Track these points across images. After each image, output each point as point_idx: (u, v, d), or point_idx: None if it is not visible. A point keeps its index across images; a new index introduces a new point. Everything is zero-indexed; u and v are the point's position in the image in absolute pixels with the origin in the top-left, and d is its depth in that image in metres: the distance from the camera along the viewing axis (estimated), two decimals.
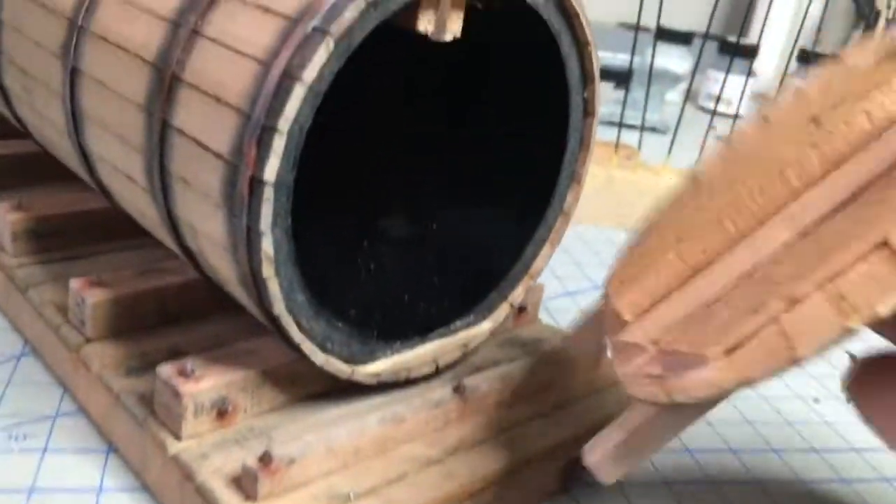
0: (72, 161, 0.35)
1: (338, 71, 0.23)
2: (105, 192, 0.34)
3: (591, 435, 0.30)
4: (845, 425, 0.37)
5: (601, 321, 0.28)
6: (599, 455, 0.23)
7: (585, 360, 0.33)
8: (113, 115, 0.29)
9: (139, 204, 0.30)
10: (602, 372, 0.34)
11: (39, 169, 0.43)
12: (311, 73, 0.22)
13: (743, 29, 0.76)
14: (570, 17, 0.28)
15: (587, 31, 0.29)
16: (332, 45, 0.22)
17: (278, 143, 0.23)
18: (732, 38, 0.90)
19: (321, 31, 0.22)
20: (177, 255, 0.33)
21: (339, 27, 0.22)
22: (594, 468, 0.24)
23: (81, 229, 0.37)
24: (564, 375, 0.33)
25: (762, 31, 0.72)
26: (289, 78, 0.22)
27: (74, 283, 0.31)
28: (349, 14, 0.22)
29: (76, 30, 0.31)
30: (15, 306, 0.36)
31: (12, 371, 0.33)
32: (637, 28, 0.59)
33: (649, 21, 0.63)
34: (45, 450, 0.29)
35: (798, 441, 0.36)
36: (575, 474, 0.30)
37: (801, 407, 0.39)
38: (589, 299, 0.46)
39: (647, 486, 0.32)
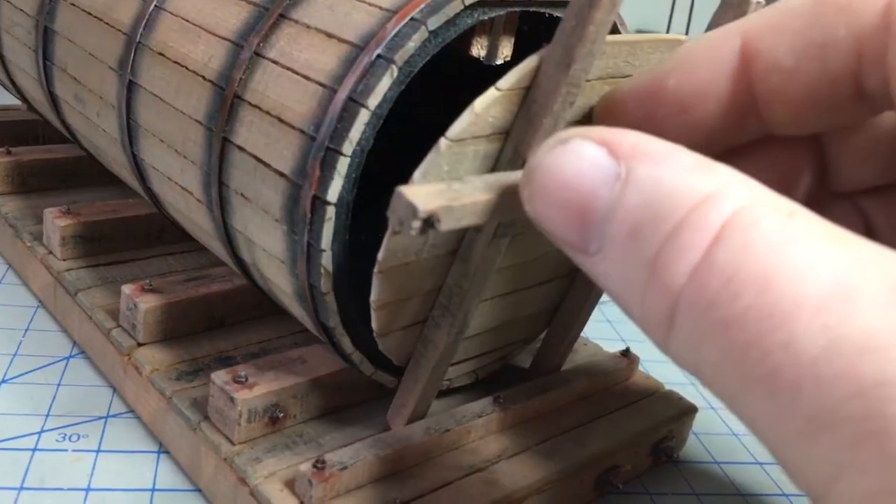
0: (121, 169, 0.36)
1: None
2: (155, 199, 0.35)
3: (626, 445, 0.31)
4: None
5: None
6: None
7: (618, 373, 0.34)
8: (170, 129, 0.30)
9: (193, 214, 0.31)
10: (635, 384, 0.35)
11: (82, 173, 0.45)
12: (375, 99, 0.23)
13: None
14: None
15: None
16: (395, 72, 0.23)
17: (342, 165, 0.24)
18: None
19: (386, 60, 0.23)
20: (221, 261, 0.34)
21: (403, 56, 0.23)
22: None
23: (128, 234, 0.39)
24: (600, 387, 0.34)
25: None
26: (354, 103, 0.23)
27: (127, 289, 0.33)
28: (412, 44, 0.23)
29: (134, 45, 0.32)
30: (63, 309, 0.37)
31: (62, 373, 0.35)
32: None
33: (660, 27, 0.64)
34: (98, 451, 0.31)
35: None
36: (607, 483, 0.31)
37: None
38: (618, 310, 0.47)
39: (677, 497, 0.33)
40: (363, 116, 0.23)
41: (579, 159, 0.17)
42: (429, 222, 0.19)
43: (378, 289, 0.24)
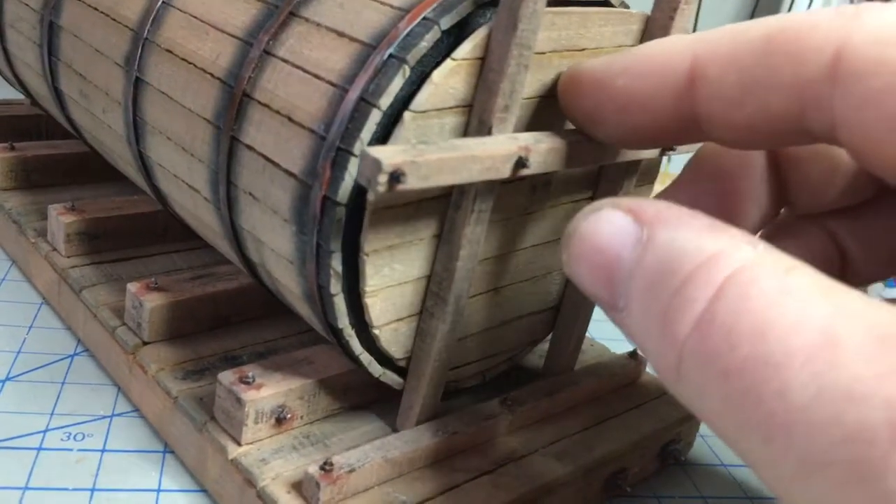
0: (127, 166, 0.36)
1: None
2: (161, 197, 0.35)
3: (633, 448, 0.31)
4: None
5: None
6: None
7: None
8: (178, 127, 0.30)
9: (200, 213, 0.31)
10: (643, 386, 0.35)
11: (86, 169, 0.44)
12: (387, 99, 0.23)
13: None
14: None
15: None
16: (407, 72, 0.23)
17: (353, 166, 0.23)
18: None
19: (398, 59, 0.23)
20: (226, 260, 0.34)
21: (415, 56, 0.23)
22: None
23: (134, 232, 0.38)
24: (607, 389, 0.34)
25: None
26: (365, 103, 0.23)
27: (132, 287, 0.32)
28: (425, 43, 0.23)
29: (141, 41, 0.31)
30: (68, 306, 0.37)
31: (66, 371, 0.34)
32: None
33: None
34: (103, 450, 0.30)
35: None
36: (615, 486, 0.31)
37: None
38: None
39: (684, 500, 0.32)
40: (374, 116, 0.23)
41: (609, 225, 0.19)
42: (395, 177, 0.20)
43: (367, 273, 0.25)
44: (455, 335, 0.27)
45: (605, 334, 0.42)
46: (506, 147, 0.23)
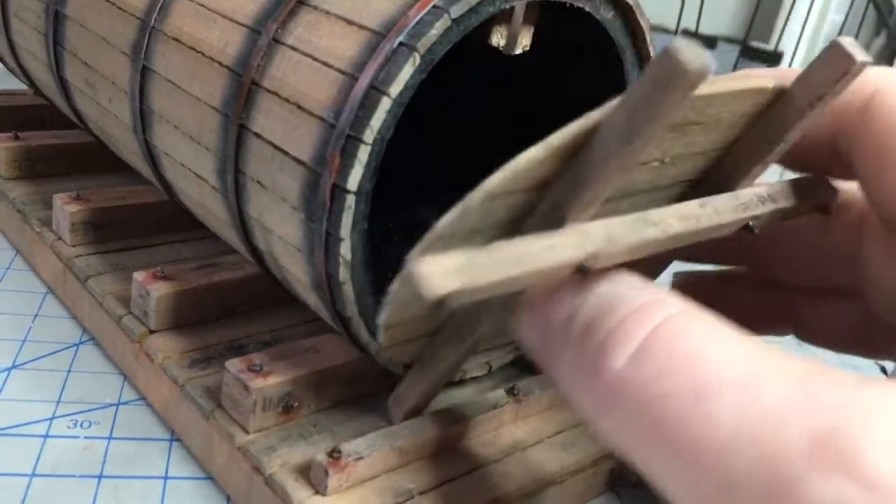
0: (132, 155, 0.36)
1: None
2: (167, 187, 0.35)
3: None
4: None
5: None
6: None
7: None
8: (185, 115, 0.30)
9: (207, 202, 0.31)
10: None
11: (91, 159, 0.44)
12: (397, 87, 0.23)
13: (768, 35, 0.77)
14: (636, 35, 0.29)
15: (650, 47, 0.29)
16: (417, 60, 0.23)
17: (363, 153, 0.23)
18: (755, 44, 0.91)
19: (408, 47, 0.23)
20: (232, 249, 0.34)
21: (425, 43, 0.23)
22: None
23: (138, 221, 0.38)
24: None
25: (780, 37, 0.73)
26: (375, 91, 0.23)
27: (139, 276, 0.32)
28: (435, 31, 0.23)
29: (148, 30, 0.31)
30: (73, 296, 0.37)
31: (72, 359, 0.34)
32: (676, 31, 0.60)
33: (669, 23, 0.64)
34: (110, 438, 0.30)
35: None
36: (620, 476, 0.31)
37: None
38: None
39: None
40: (384, 104, 0.23)
41: (556, 284, 0.20)
42: (441, 303, 0.17)
43: (388, 313, 0.22)
44: (463, 361, 0.27)
45: None
46: (571, 255, 0.19)
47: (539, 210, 0.21)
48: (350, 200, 0.24)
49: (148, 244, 0.38)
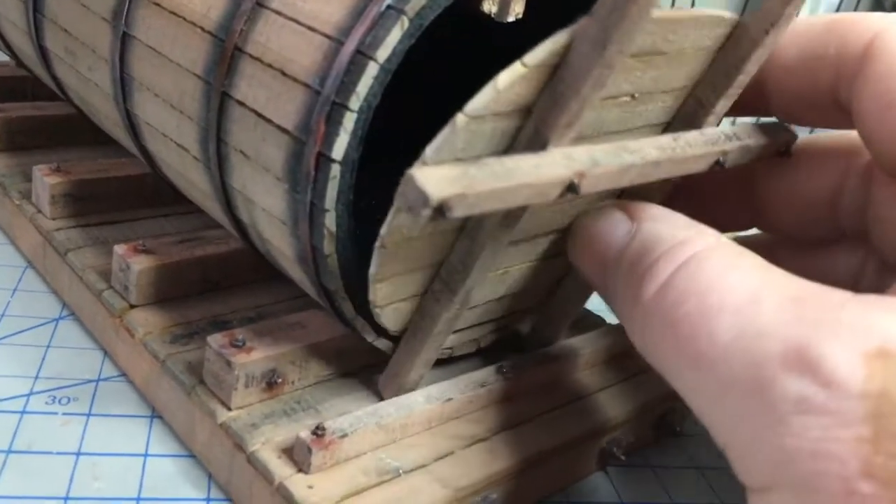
0: (114, 126, 0.35)
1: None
2: (149, 158, 0.34)
3: (630, 418, 0.31)
4: None
5: None
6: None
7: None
8: (166, 83, 0.29)
9: (189, 173, 0.30)
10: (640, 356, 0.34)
11: (73, 131, 0.43)
12: (384, 51, 0.22)
13: None
14: None
15: None
16: (406, 24, 0.22)
17: (348, 121, 0.23)
18: None
19: (396, 11, 0.22)
20: (217, 224, 0.33)
21: (413, 7, 0.22)
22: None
23: (120, 194, 0.37)
24: (603, 359, 0.33)
25: None
26: (362, 56, 0.22)
27: (119, 249, 0.32)
28: None
29: None
30: (53, 269, 0.36)
31: (51, 334, 0.34)
32: None
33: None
34: (89, 414, 0.30)
35: None
36: (610, 455, 0.30)
37: None
38: None
39: (679, 470, 0.32)
40: (371, 70, 0.22)
41: (606, 221, 0.24)
42: (440, 210, 0.18)
43: (378, 263, 0.24)
44: (456, 323, 0.27)
45: (601, 305, 0.42)
46: (560, 172, 0.21)
47: (523, 135, 0.22)
48: (335, 170, 0.23)
49: (130, 218, 0.38)
